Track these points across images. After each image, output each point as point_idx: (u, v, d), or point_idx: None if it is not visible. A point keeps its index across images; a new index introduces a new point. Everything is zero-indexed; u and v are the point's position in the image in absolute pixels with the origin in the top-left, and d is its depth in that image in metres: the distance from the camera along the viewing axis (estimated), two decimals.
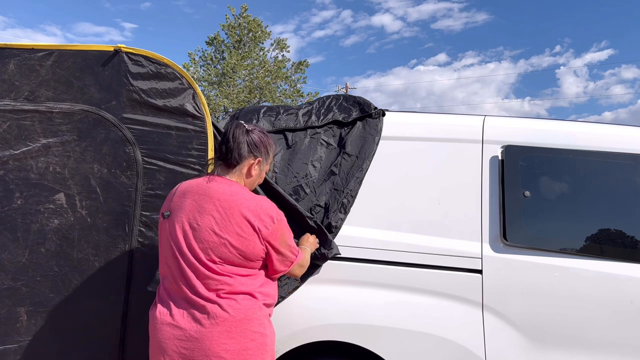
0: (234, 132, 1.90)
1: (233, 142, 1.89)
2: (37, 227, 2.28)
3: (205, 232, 1.79)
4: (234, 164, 1.90)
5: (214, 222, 1.80)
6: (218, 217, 1.80)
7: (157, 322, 1.82)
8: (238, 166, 1.91)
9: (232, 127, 1.92)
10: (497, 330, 2.25)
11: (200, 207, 1.82)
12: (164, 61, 2.33)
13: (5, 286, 2.26)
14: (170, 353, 1.78)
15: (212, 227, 1.79)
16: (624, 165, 2.35)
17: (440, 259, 2.32)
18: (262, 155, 1.95)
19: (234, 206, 1.81)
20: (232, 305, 1.78)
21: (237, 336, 1.76)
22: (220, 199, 1.82)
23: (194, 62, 25.63)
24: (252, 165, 1.93)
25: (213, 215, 1.80)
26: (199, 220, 1.81)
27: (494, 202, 2.36)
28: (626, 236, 2.31)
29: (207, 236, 1.79)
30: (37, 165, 2.30)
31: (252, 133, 1.92)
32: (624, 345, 2.19)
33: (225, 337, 1.75)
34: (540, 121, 2.58)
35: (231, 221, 1.80)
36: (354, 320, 2.31)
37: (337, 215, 2.39)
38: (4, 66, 2.33)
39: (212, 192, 1.83)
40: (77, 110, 2.32)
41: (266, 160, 1.99)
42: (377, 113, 2.57)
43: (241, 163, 1.91)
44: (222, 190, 1.84)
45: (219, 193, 1.83)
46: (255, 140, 1.92)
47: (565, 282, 2.24)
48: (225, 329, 1.76)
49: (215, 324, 1.75)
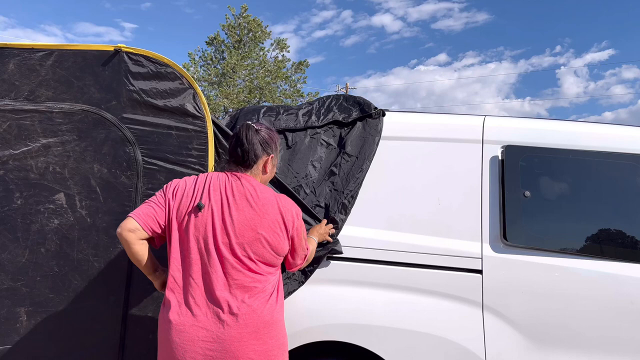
0: (247, 134, 1.92)
1: (248, 145, 1.91)
2: (37, 227, 2.28)
3: (241, 227, 1.80)
4: (251, 164, 1.93)
5: (250, 217, 1.81)
6: (254, 213, 1.82)
7: (175, 325, 1.74)
8: (255, 165, 1.93)
9: (244, 129, 1.94)
10: (497, 330, 2.25)
11: (234, 203, 1.82)
12: (164, 61, 2.33)
13: (5, 286, 2.26)
14: (193, 355, 1.71)
15: (247, 223, 1.80)
16: (624, 165, 2.35)
17: (441, 259, 2.32)
18: (273, 150, 1.99)
19: (267, 203, 1.84)
20: (260, 305, 1.78)
21: (264, 337, 1.76)
22: (253, 195, 1.84)
23: (194, 62, 25.63)
24: (267, 162, 1.96)
25: (249, 210, 1.82)
26: (233, 215, 1.80)
27: (494, 202, 2.36)
28: (626, 236, 2.31)
29: (243, 231, 1.79)
30: (37, 165, 2.30)
31: (261, 131, 1.95)
32: (624, 345, 2.19)
33: (253, 339, 1.74)
34: (540, 121, 2.58)
35: (266, 217, 1.82)
36: (354, 320, 2.31)
37: (338, 216, 2.39)
38: (4, 66, 2.33)
39: (244, 189, 1.85)
40: (77, 110, 2.32)
41: (277, 155, 2.03)
42: (377, 113, 2.57)
43: (257, 162, 1.94)
44: (254, 186, 1.87)
45: (251, 189, 1.85)
46: (266, 138, 1.95)
47: (565, 282, 2.24)
48: (253, 329, 1.74)
49: (244, 324, 1.73)
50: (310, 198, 2.45)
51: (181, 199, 1.84)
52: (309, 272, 2.35)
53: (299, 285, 2.35)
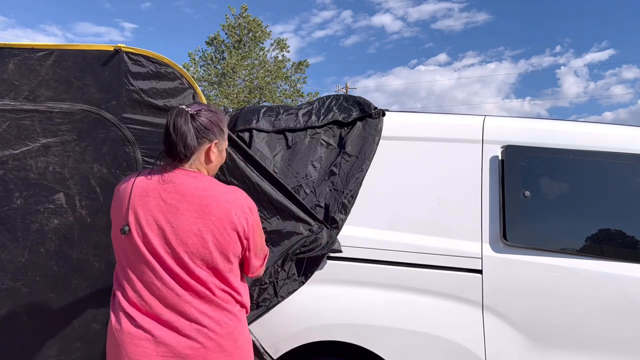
0: (175, 121, 1.62)
1: (175, 135, 1.61)
2: (36, 227, 2.28)
3: (183, 234, 1.59)
4: (185, 157, 1.65)
5: (192, 221, 1.59)
6: (196, 215, 1.60)
7: (133, 338, 1.59)
8: (193, 156, 1.67)
9: (172, 116, 1.64)
10: (497, 330, 2.25)
11: (173, 207, 1.60)
12: (164, 61, 2.33)
13: (5, 286, 2.26)
14: None
15: (189, 228, 1.59)
16: (624, 165, 2.35)
17: (440, 259, 2.32)
18: (217, 135, 1.72)
19: (210, 200, 1.61)
20: (222, 316, 1.63)
21: (228, 349, 1.63)
22: (194, 195, 1.61)
23: (194, 62, 25.66)
24: (209, 150, 1.70)
25: (188, 213, 1.60)
26: (173, 222, 1.59)
27: (494, 202, 2.36)
28: (626, 236, 2.31)
29: (186, 238, 1.59)
30: (37, 165, 2.30)
31: (199, 117, 1.66)
32: (624, 345, 2.19)
33: (218, 351, 1.61)
34: (540, 121, 2.58)
35: (210, 217, 1.60)
36: (354, 320, 2.31)
37: (338, 216, 2.39)
38: (3, 66, 2.33)
39: (182, 188, 1.62)
40: (77, 110, 2.32)
41: (223, 138, 1.77)
42: (377, 113, 2.57)
43: (196, 152, 1.67)
44: (193, 184, 1.63)
45: (191, 188, 1.62)
46: (204, 123, 1.67)
47: (565, 282, 2.24)
48: (217, 343, 1.61)
49: (208, 338, 1.60)
50: (310, 198, 2.45)
51: (115, 217, 1.70)
52: (309, 273, 2.35)
53: (299, 285, 2.35)
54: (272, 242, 2.33)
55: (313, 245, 2.31)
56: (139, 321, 1.61)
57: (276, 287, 2.33)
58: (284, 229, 2.34)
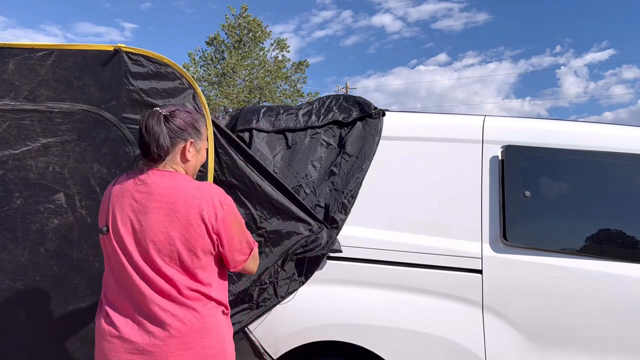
0: (147, 123, 1.66)
1: (148, 135, 1.65)
2: (36, 227, 2.27)
3: (152, 233, 1.63)
4: (159, 158, 1.69)
5: (160, 219, 1.63)
6: (163, 213, 1.63)
7: (105, 334, 1.67)
8: (168, 156, 1.70)
9: (144, 118, 1.68)
10: (497, 330, 2.25)
11: (142, 206, 1.65)
12: (164, 61, 2.33)
13: (5, 286, 2.26)
14: None
15: (158, 226, 1.63)
16: (624, 165, 2.35)
17: (440, 259, 2.32)
18: (192, 135, 1.74)
19: (178, 199, 1.64)
20: (187, 314, 1.64)
21: (194, 347, 1.63)
22: (162, 194, 1.64)
23: (194, 62, 25.67)
24: (184, 149, 1.72)
25: (158, 212, 1.63)
26: (142, 220, 1.64)
27: (494, 202, 2.36)
28: (626, 236, 2.31)
29: (154, 236, 1.63)
30: (37, 165, 2.30)
31: (173, 118, 1.70)
32: (623, 345, 2.19)
33: (181, 349, 1.62)
34: (540, 121, 2.58)
35: (177, 214, 1.63)
36: (354, 320, 2.31)
37: (338, 216, 2.39)
38: (3, 66, 2.32)
39: (152, 187, 1.66)
40: (77, 110, 2.32)
41: (199, 137, 1.78)
42: (377, 113, 2.57)
43: (170, 152, 1.70)
44: (163, 183, 1.66)
45: (160, 187, 1.65)
46: (179, 125, 1.70)
47: (565, 282, 2.24)
48: (181, 340, 1.62)
49: (170, 335, 1.61)
50: (310, 198, 2.45)
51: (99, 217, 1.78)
52: (309, 273, 2.35)
53: (299, 285, 2.35)
54: (272, 242, 2.34)
55: (313, 245, 2.32)
56: (113, 319, 1.68)
57: (276, 287, 2.33)
58: (284, 229, 2.34)
